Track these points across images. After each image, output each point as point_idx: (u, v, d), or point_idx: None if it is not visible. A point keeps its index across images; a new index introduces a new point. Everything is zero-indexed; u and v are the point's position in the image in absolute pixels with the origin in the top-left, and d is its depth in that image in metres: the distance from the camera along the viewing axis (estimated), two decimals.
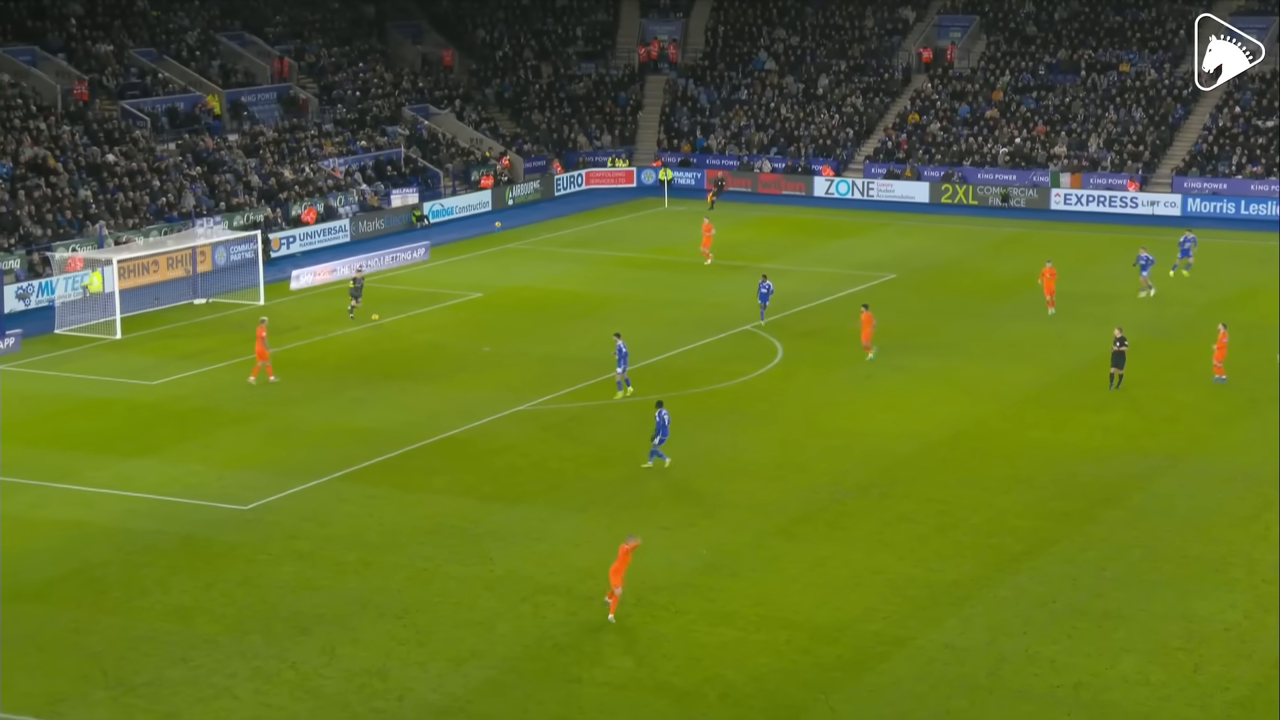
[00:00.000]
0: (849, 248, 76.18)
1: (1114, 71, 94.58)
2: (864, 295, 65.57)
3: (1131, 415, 48.66)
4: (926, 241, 77.77)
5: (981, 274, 70.28)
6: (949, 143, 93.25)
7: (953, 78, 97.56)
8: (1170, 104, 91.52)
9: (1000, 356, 55.14)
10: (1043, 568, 36.86)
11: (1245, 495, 41.56)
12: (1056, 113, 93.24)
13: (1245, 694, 30.89)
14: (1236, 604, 34.92)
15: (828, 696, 30.80)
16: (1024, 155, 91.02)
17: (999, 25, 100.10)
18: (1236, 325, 59.28)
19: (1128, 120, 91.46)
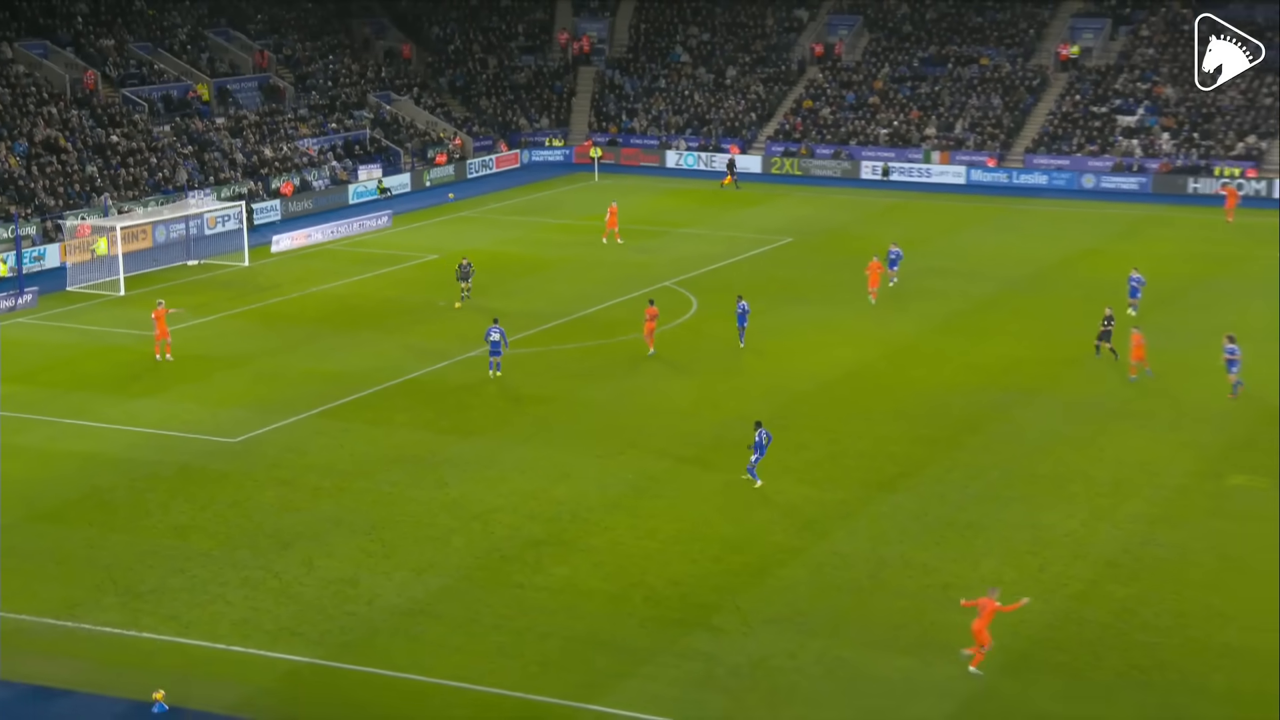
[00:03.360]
0: (752, 216, 76.23)
1: (975, 65, 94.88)
2: (767, 256, 65.84)
3: (994, 355, 49.06)
4: (820, 210, 77.91)
5: (867, 238, 70.52)
6: (837, 125, 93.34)
7: (840, 69, 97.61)
8: (1022, 93, 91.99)
9: (883, 308, 55.40)
10: (916, 487, 37.21)
11: (1084, 424, 42.04)
12: (928, 99, 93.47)
13: (1081, 589, 31.40)
14: (1075, 514, 35.42)
15: (735, 597, 31.03)
16: (901, 136, 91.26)
17: (879, 24, 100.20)
18: (1077, 281, 59.97)
19: (987, 106, 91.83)
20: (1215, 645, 28.80)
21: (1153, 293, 53.93)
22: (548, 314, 54.54)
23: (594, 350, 50.09)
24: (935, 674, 27.70)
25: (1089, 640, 29.09)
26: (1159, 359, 46.35)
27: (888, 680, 27.52)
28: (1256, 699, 26.74)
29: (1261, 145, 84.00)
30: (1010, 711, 26.55)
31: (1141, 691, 27.10)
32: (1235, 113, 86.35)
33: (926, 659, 28.28)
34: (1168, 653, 28.55)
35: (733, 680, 27.59)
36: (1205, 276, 60.51)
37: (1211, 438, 40.55)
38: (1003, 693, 27.15)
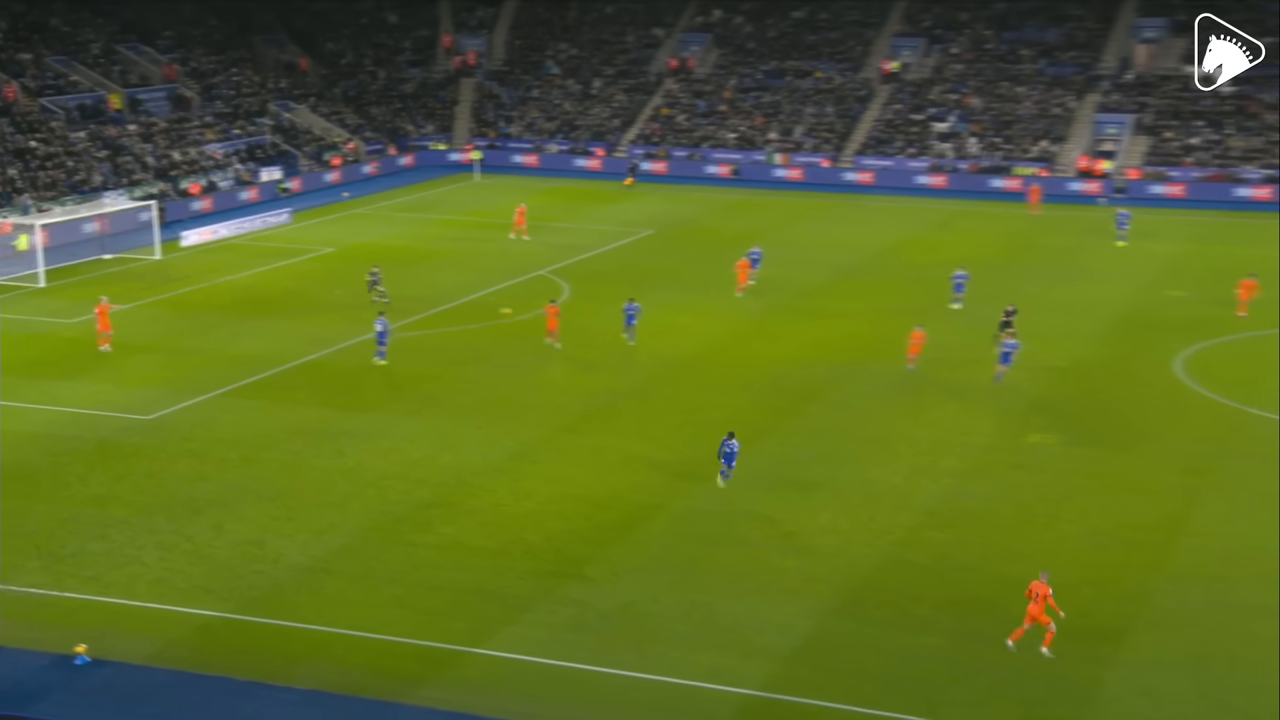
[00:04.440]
0: (616, 211, 76.24)
1: (811, 77, 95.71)
2: (630, 247, 65.89)
3: (829, 334, 49.60)
4: (676, 205, 78.13)
5: (720, 230, 70.95)
6: (691, 130, 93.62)
7: (693, 80, 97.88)
8: (852, 102, 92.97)
9: (732, 291, 55.75)
10: (763, 449, 37.48)
11: (907, 393, 42.62)
12: (771, 107, 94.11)
13: (904, 536, 31.89)
14: (899, 471, 35.95)
15: (604, 550, 31.07)
16: (747, 139, 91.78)
17: (727, 41, 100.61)
18: (900, 266, 60.81)
19: (822, 114, 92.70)
20: (1015, 579, 29.36)
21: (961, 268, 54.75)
22: (434, 300, 54.11)
23: (476, 332, 49.80)
24: (780, 613, 27.99)
25: (911, 580, 29.59)
26: (966, 334, 47.16)
27: (738, 619, 27.75)
28: (1075, 631, 27.37)
29: (1053, 149, 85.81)
30: (844, 643, 26.92)
31: (954, 621, 27.65)
32: (1031, 120, 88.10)
33: (772, 600, 28.57)
34: (976, 588, 29.13)
35: (602, 623, 27.66)
36: (1012, 260, 61.67)
37: (1012, 403, 41.38)
38: (837, 628, 27.54)
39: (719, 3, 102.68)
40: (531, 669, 26.00)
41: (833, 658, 26.34)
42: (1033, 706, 24.52)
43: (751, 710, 24.69)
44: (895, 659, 26.18)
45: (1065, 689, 25.03)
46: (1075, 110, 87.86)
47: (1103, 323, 50.38)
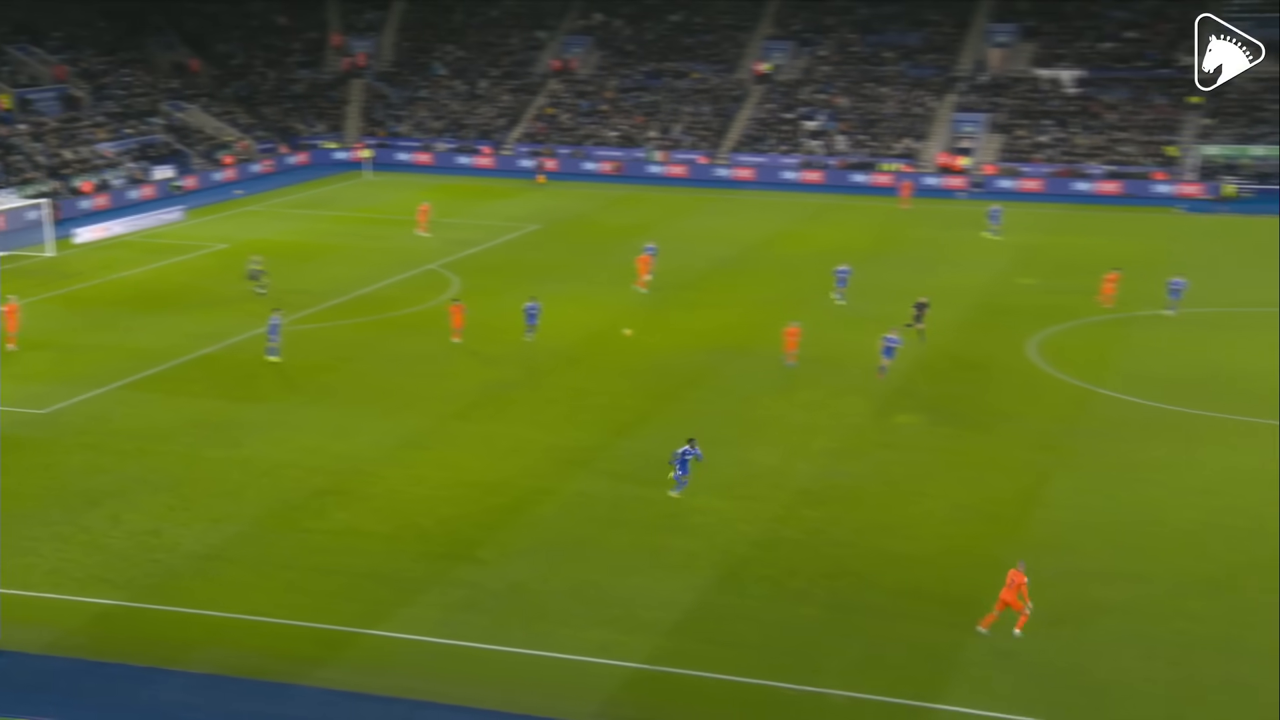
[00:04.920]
0: (504, 207, 75.88)
1: (688, 78, 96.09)
2: (517, 242, 65.62)
3: (709, 323, 49.86)
4: (562, 201, 77.96)
5: (604, 224, 70.97)
6: (575, 128, 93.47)
7: (576, 81, 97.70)
8: (727, 101, 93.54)
9: (617, 283, 55.84)
10: (645, 434, 37.60)
11: (781, 378, 43.01)
12: (650, 107, 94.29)
13: (781, 513, 32.16)
14: (775, 452, 36.25)
15: (495, 533, 30.93)
16: (629, 138, 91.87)
17: (608, 43, 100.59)
18: (774, 258, 61.36)
19: (699, 113, 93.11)
20: (885, 552, 29.91)
21: (838, 264, 55.35)
22: (327, 294, 53.41)
23: (370, 325, 49.26)
24: (664, 589, 28.09)
25: (787, 555, 29.88)
26: (843, 324, 47.71)
27: (624, 596, 27.81)
28: (915, 592, 27.90)
29: (916, 146, 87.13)
30: (725, 616, 27.11)
31: (829, 593, 27.98)
32: (894, 119, 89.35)
33: (656, 577, 28.67)
34: (849, 561, 29.51)
35: (494, 603, 27.55)
36: (880, 251, 62.48)
37: (880, 387, 41.92)
38: (718, 602, 27.72)
39: (600, 6, 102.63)
40: (425, 648, 25.81)
41: (715, 630, 26.51)
42: (901, 671, 24.93)
43: (638, 682, 24.77)
44: (774, 630, 26.43)
45: (929, 654, 25.47)
46: (935, 110, 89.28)
47: (962, 310, 51.28)
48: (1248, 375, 42.35)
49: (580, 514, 32.14)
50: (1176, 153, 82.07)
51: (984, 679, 24.68)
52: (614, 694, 24.40)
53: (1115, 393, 40.90)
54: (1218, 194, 78.12)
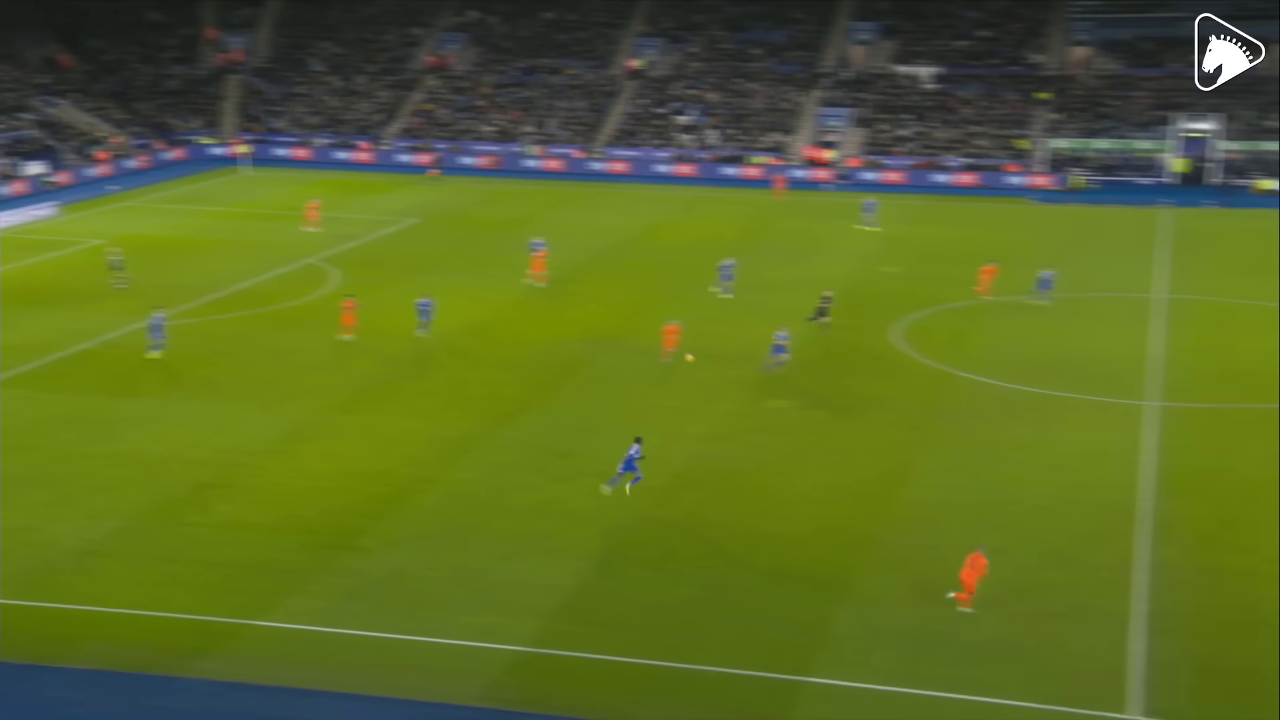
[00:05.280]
0: (384, 201, 74.95)
1: (562, 74, 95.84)
2: (400, 235, 64.87)
3: (587, 313, 49.81)
4: (440, 196, 77.26)
5: (482, 217, 70.46)
6: (452, 124, 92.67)
7: (453, 77, 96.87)
8: (601, 97, 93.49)
9: (496, 275, 55.49)
10: (525, 422, 37.46)
11: (657, 365, 43.01)
12: (526, 102, 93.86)
13: (658, 497, 32.01)
14: (652, 437, 35.60)
15: (377, 522, 30.54)
16: (505, 133, 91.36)
17: (484, 40, 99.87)
18: (649, 249, 61.46)
19: (574, 108, 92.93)
20: (759, 533, 30.14)
21: (714, 257, 55.55)
22: (206, 289, 52.26)
23: (250, 319, 48.31)
24: (545, 574, 28.00)
25: (665, 537, 29.95)
26: (722, 315, 47.99)
27: (506, 582, 27.65)
28: (789, 570, 28.18)
29: (784, 139, 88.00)
30: (605, 598, 27.11)
31: (705, 573, 28.13)
32: (763, 114, 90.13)
33: (538, 562, 28.55)
34: (725, 542, 29.70)
35: (377, 591, 27.21)
36: (751, 241, 62.91)
37: (753, 373, 42.18)
38: (598, 585, 27.70)
39: (475, 4, 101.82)
40: (310, 637, 25.39)
41: (595, 612, 26.49)
42: (775, 646, 25.15)
43: (521, 665, 24.65)
44: (653, 610, 26.49)
45: (803, 630, 25.74)
46: (801, 105, 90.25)
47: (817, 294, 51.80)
48: (1101, 358, 43.51)
49: (462, 502, 31.87)
50: (1028, 146, 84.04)
51: (856, 652, 25.02)
52: (497, 677, 24.27)
53: (976, 375, 41.73)
54: (1066, 185, 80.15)
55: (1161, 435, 36.04)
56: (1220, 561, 28.29)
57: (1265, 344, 45.04)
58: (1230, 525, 30.35)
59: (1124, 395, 39.53)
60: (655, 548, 29.36)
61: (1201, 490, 32.25)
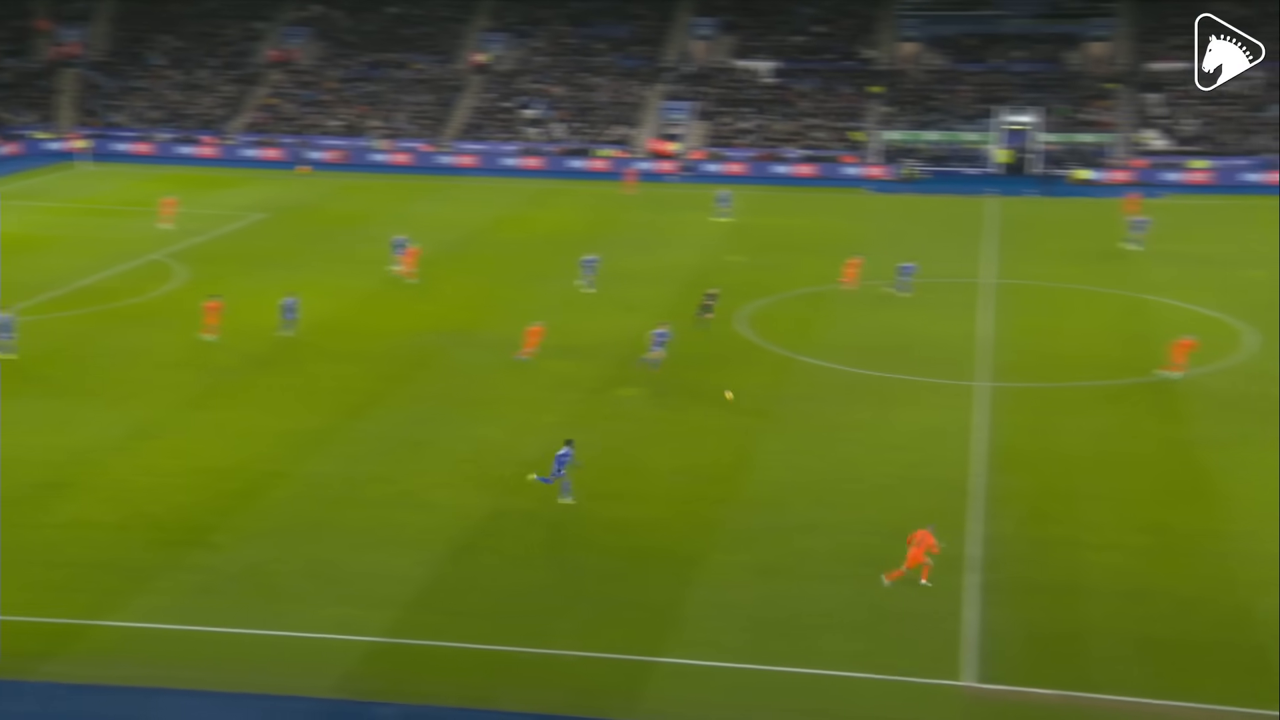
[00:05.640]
0: (230, 196, 73.11)
1: (408, 68, 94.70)
2: (247, 230, 63.36)
3: (435, 307, 49.30)
4: (286, 190, 75.67)
5: (331, 211, 69.22)
6: (298, 118, 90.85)
7: (297, 71, 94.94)
8: (447, 91, 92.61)
9: (346, 269, 54.58)
10: (378, 415, 36.99)
11: (503, 357, 42.81)
12: (372, 97, 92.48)
13: (509, 485, 31.79)
14: (504, 427, 36.12)
15: (229, 517, 29.83)
16: (352, 127, 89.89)
17: (328, 35, 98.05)
18: (498, 242, 61.11)
19: (420, 102, 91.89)
20: (611, 517, 30.23)
21: (563, 249, 55.53)
22: (45, 286, 50.35)
23: (92, 316, 46.70)
24: (400, 564, 27.70)
25: (517, 525, 29.87)
26: (579, 309, 47.95)
27: (362, 573, 27.29)
28: (641, 553, 28.35)
29: (629, 132, 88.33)
30: (459, 587, 26.94)
31: (558, 560, 28.14)
32: (608, 107, 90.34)
33: (392, 553, 28.23)
34: (577, 528, 29.72)
35: (229, 586, 26.60)
36: (599, 233, 62.96)
37: (604, 361, 42.18)
38: (452, 574, 27.52)
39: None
40: (161, 635, 24.71)
41: (450, 601, 26.31)
42: (628, 629, 25.28)
43: (376, 656, 24.35)
44: (507, 597, 26.41)
45: (655, 611, 25.91)
46: (645, 98, 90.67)
47: (676, 286, 52.25)
48: (934, 341, 44.60)
49: (315, 495, 31.34)
50: (862, 138, 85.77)
51: (706, 631, 25.29)
52: (352, 668, 23.94)
53: (818, 360, 42.45)
54: (898, 175, 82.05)
55: (992, 414, 37.16)
56: (1047, 533, 29.28)
57: (1085, 326, 46.76)
58: (1055, 498, 31.44)
59: (956, 377, 40.62)
60: (508, 536, 29.27)
61: (1029, 466, 33.34)
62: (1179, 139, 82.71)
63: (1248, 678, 23.45)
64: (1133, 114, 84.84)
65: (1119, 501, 30.96)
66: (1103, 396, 38.70)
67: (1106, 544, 27.67)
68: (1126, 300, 50.22)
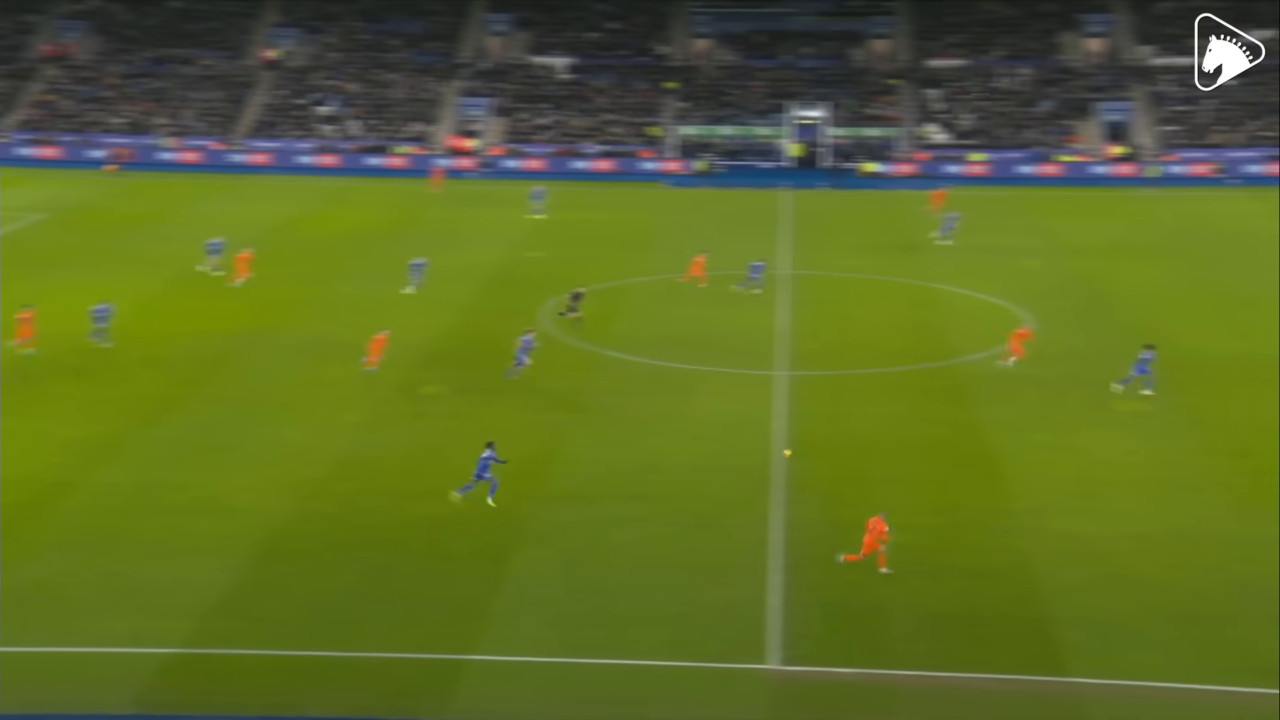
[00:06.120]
0: (3, 196, 69.56)
1: (196, 65, 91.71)
2: (22, 233, 60.42)
3: (233, 305, 47.89)
4: (65, 190, 72.38)
5: (116, 211, 66.58)
6: (77, 115, 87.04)
7: (76, 67, 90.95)
8: (237, 88, 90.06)
9: (134, 270, 52.56)
10: (174, 420, 35.79)
11: (306, 357, 41.69)
12: (158, 93, 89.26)
13: (313, 489, 31.32)
14: (306, 429, 35.29)
15: (14, 530, 28.42)
16: (137, 124, 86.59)
17: (107, 29, 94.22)
18: (295, 241, 59.75)
19: (209, 99, 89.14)
20: (417, 517, 29.89)
21: (365, 248, 54.58)
22: None
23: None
24: (199, 572, 26.88)
25: (322, 528, 29.34)
26: (410, 309, 47.24)
27: (158, 583, 26.39)
28: (448, 552, 28.09)
29: (427, 129, 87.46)
30: (262, 593, 26.31)
31: (364, 560, 27.65)
32: (404, 104, 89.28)
33: (191, 561, 27.38)
34: (383, 528, 29.28)
35: (14, 603, 25.32)
36: (400, 231, 62.06)
37: (406, 360, 41.39)
38: (255, 580, 26.83)
39: None
40: None
41: (253, 608, 25.66)
42: (437, 628, 25.08)
43: (175, 667, 23.58)
44: (312, 601, 25.89)
45: (463, 610, 25.75)
46: (442, 94, 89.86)
47: (479, 283, 51.98)
48: (734, 332, 45.38)
49: (107, 505, 30.17)
50: (659, 133, 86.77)
51: (515, 627, 25.26)
52: (150, 681, 23.13)
53: (621, 354, 42.77)
54: (694, 169, 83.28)
55: (791, 403, 38.07)
56: (844, 516, 30.12)
57: (877, 314, 48.30)
58: (852, 482, 32.40)
59: (757, 367, 41.47)
60: (313, 539, 28.70)
61: (826, 451, 34.27)
62: (958, 133, 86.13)
63: (1034, 648, 24.61)
64: (915, 109, 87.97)
65: (912, 484, 32.10)
66: (895, 383, 40.05)
67: (901, 525, 28.68)
68: (916, 289, 52.06)
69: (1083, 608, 25.85)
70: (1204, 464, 33.34)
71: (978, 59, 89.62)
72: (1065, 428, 35.78)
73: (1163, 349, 39.30)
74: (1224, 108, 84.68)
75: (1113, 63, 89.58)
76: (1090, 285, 52.17)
